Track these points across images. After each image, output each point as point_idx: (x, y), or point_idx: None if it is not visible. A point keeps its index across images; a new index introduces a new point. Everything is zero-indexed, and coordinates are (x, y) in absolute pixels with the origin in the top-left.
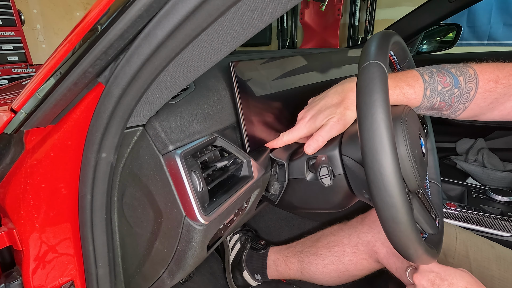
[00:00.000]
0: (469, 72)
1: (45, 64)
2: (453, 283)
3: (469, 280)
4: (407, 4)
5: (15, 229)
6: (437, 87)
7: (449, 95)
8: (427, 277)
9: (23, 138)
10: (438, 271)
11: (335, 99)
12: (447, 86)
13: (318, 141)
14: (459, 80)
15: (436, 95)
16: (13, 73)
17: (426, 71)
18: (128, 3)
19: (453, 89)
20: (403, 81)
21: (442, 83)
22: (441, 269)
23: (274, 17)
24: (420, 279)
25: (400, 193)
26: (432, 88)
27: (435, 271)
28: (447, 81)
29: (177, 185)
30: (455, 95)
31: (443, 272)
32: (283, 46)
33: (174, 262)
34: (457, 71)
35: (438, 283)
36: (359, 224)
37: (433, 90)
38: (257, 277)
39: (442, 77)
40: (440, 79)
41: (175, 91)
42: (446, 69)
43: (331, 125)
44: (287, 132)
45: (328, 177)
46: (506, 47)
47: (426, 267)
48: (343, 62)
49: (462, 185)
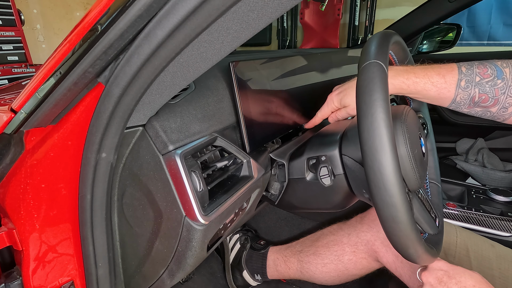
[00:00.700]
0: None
1: (45, 64)
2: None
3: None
4: (407, 4)
5: (15, 229)
6: (474, 78)
7: (490, 86)
8: (435, 275)
9: (23, 138)
10: (447, 269)
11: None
12: (487, 77)
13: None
14: (504, 72)
15: (473, 86)
16: (13, 73)
17: (466, 64)
18: (128, 3)
19: (495, 80)
20: (434, 70)
21: (481, 74)
22: (450, 267)
23: (274, 17)
24: (428, 277)
25: (400, 192)
26: (468, 79)
27: (443, 269)
28: (488, 72)
29: (177, 185)
30: (499, 86)
31: (451, 270)
32: (283, 46)
33: (174, 262)
34: (503, 63)
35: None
36: (359, 223)
37: (469, 81)
38: (257, 277)
39: (482, 68)
40: (479, 71)
41: (175, 91)
42: (491, 62)
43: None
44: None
45: (328, 177)
46: (506, 47)
47: (435, 266)
48: (343, 62)
49: (462, 185)
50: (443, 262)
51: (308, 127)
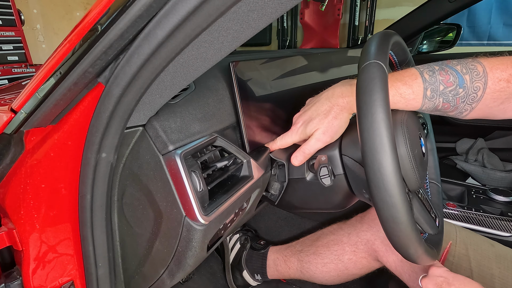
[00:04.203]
0: (477, 70)
1: (45, 64)
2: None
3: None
4: (407, 4)
5: (15, 229)
6: (438, 87)
7: (453, 96)
8: (435, 281)
9: (23, 138)
10: (447, 276)
11: (325, 106)
12: (450, 85)
13: (304, 153)
14: (464, 79)
15: (438, 95)
16: (13, 73)
17: (427, 69)
18: (128, 3)
19: (457, 89)
20: (399, 80)
21: (444, 82)
22: (450, 275)
23: (274, 17)
24: (427, 283)
25: (400, 192)
26: (433, 88)
27: (443, 276)
28: (450, 80)
29: (177, 185)
30: (460, 95)
31: (451, 278)
32: (283, 46)
33: (174, 262)
34: (463, 69)
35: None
36: (359, 222)
37: (434, 90)
38: (257, 277)
39: (444, 75)
40: (442, 78)
41: (175, 91)
42: (450, 66)
43: (317, 138)
44: (281, 137)
45: (328, 177)
46: (506, 47)
47: (435, 272)
48: (343, 62)
49: (462, 185)
50: (443, 269)
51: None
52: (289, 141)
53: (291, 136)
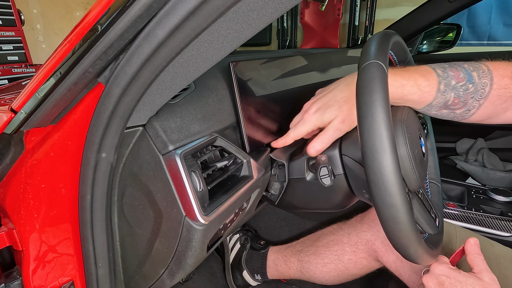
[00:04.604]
0: (482, 68)
1: (45, 64)
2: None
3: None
4: (407, 4)
5: (15, 229)
6: (451, 82)
7: (464, 91)
8: (436, 280)
9: (23, 138)
10: (449, 273)
11: (344, 93)
12: (461, 81)
13: (323, 143)
14: (473, 76)
15: (450, 90)
16: (13, 73)
17: (438, 66)
18: (128, 3)
19: (467, 85)
20: (417, 72)
21: (456, 77)
22: (452, 272)
23: (274, 17)
24: (428, 280)
25: (400, 192)
26: (446, 83)
27: (445, 274)
28: (461, 76)
29: (177, 185)
30: (470, 91)
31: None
32: (283, 46)
33: (174, 262)
34: (470, 67)
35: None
36: (359, 223)
37: (447, 84)
38: (257, 277)
39: (455, 71)
40: (453, 74)
41: (175, 91)
42: (459, 64)
43: (336, 127)
44: (293, 128)
45: (328, 177)
46: (506, 47)
47: (437, 270)
48: (343, 62)
49: (462, 185)
50: (445, 266)
51: (275, 147)
52: (303, 131)
53: (305, 126)
